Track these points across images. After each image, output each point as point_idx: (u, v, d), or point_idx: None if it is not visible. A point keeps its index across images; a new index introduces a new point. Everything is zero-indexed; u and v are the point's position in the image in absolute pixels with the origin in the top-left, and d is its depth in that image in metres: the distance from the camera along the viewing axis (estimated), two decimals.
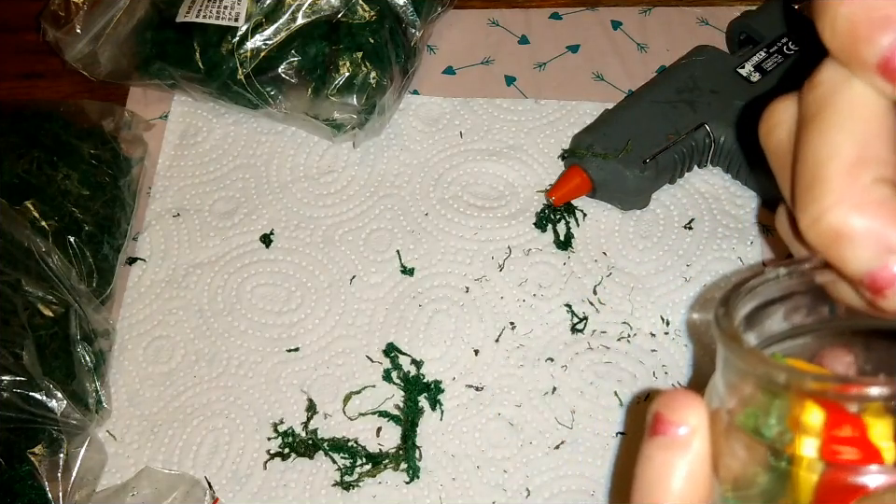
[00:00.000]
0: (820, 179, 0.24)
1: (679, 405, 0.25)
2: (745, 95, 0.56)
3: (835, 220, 0.23)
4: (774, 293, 0.26)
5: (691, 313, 0.54)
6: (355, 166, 0.61)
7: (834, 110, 0.24)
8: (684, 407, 0.25)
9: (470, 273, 0.56)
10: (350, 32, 0.57)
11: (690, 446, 0.25)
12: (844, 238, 0.23)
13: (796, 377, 0.22)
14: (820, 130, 0.24)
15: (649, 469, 0.25)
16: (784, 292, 0.26)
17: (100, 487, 0.51)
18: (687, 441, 0.25)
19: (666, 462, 0.25)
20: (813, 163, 0.24)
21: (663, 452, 0.25)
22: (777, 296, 0.26)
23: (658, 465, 0.25)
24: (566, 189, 0.56)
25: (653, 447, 0.25)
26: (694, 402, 0.25)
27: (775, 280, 0.26)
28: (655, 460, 0.25)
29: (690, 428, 0.25)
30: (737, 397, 0.24)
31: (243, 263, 0.58)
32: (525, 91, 0.63)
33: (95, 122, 0.60)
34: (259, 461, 0.52)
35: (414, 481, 0.50)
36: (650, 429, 0.25)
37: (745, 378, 0.24)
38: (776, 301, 0.27)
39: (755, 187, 0.57)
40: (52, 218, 0.54)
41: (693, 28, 0.64)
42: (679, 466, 0.25)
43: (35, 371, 0.48)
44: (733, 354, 0.24)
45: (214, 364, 0.55)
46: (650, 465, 0.25)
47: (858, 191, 0.23)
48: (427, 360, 0.54)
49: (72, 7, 0.61)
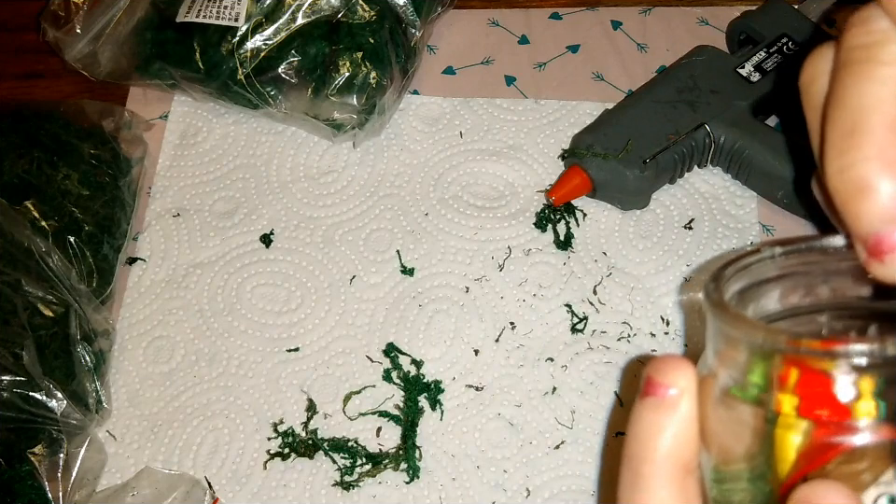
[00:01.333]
0: (860, 130, 0.23)
1: (670, 368, 0.25)
2: (745, 95, 0.56)
3: (865, 173, 0.23)
4: (769, 272, 0.27)
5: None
6: (355, 166, 0.61)
7: (882, 62, 0.24)
8: (674, 370, 0.25)
9: (470, 272, 0.56)
10: (350, 32, 0.57)
11: (678, 407, 0.25)
12: (866, 192, 0.23)
13: (772, 336, 0.23)
14: (866, 78, 0.24)
15: (638, 429, 0.26)
16: (780, 272, 0.27)
17: (100, 487, 0.51)
18: (675, 401, 0.25)
19: (655, 422, 0.25)
20: (855, 111, 0.24)
21: (652, 412, 0.25)
22: (773, 275, 0.27)
23: (647, 425, 0.25)
24: (566, 189, 0.56)
25: (643, 408, 0.26)
26: (684, 366, 0.25)
27: (770, 259, 0.26)
28: (645, 420, 0.25)
29: (679, 390, 0.25)
30: (724, 362, 0.25)
31: (243, 263, 0.58)
32: (525, 91, 0.63)
33: (95, 122, 0.60)
34: (259, 461, 0.52)
35: (414, 481, 0.50)
36: (641, 391, 0.26)
37: (731, 343, 0.25)
38: (771, 280, 0.27)
39: (755, 187, 0.57)
40: (52, 218, 0.54)
41: (693, 28, 0.64)
42: (668, 426, 0.25)
43: (35, 371, 0.48)
44: (717, 319, 0.25)
45: (214, 364, 0.55)
46: (639, 425, 0.26)
47: (893, 149, 0.23)
48: (427, 360, 0.54)
49: (72, 7, 0.61)
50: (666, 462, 0.25)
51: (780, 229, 0.56)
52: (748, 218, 0.57)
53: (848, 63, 0.25)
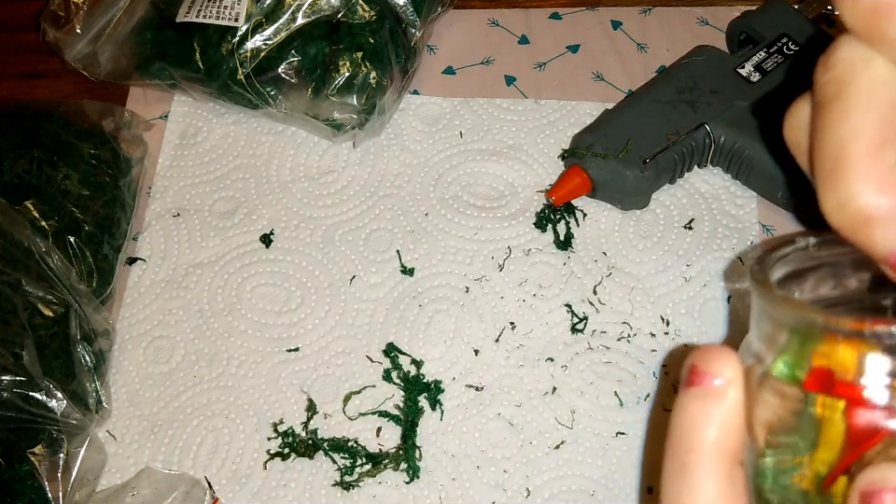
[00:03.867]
0: (843, 162, 0.23)
1: (715, 358, 0.25)
2: (745, 95, 0.56)
3: (860, 205, 0.23)
4: (803, 262, 0.27)
5: None
6: (355, 166, 0.61)
7: (854, 91, 0.24)
8: (720, 359, 0.25)
9: (470, 272, 0.56)
10: (350, 32, 0.57)
11: (725, 396, 0.25)
12: (868, 223, 0.23)
13: (830, 317, 0.23)
14: (840, 111, 0.24)
15: (684, 419, 0.25)
16: (813, 262, 0.27)
17: (100, 487, 0.51)
18: (723, 391, 0.25)
19: (702, 412, 0.25)
20: (835, 146, 0.24)
21: (699, 402, 0.25)
22: (807, 266, 0.27)
23: (693, 414, 0.25)
24: (566, 189, 0.56)
25: (689, 397, 0.25)
26: (729, 356, 0.25)
27: (804, 249, 0.27)
28: (690, 410, 0.25)
29: (725, 380, 0.25)
30: (772, 346, 0.25)
31: (243, 263, 0.58)
32: (525, 91, 0.63)
33: (95, 122, 0.60)
34: (259, 461, 0.52)
35: (414, 481, 0.50)
36: (685, 381, 0.26)
37: (778, 327, 0.24)
38: (805, 270, 0.27)
39: (755, 187, 0.57)
40: (52, 218, 0.54)
41: (693, 28, 0.64)
42: (714, 415, 0.25)
43: (35, 371, 0.48)
44: (768, 302, 0.25)
45: (214, 364, 0.55)
46: (685, 415, 0.25)
47: (882, 173, 0.23)
48: (427, 360, 0.54)
49: (72, 7, 0.61)
50: (714, 452, 0.25)
51: (780, 229, 0.56)
52: (748, 218, 0.56)
53: (821, 104, 0.25)
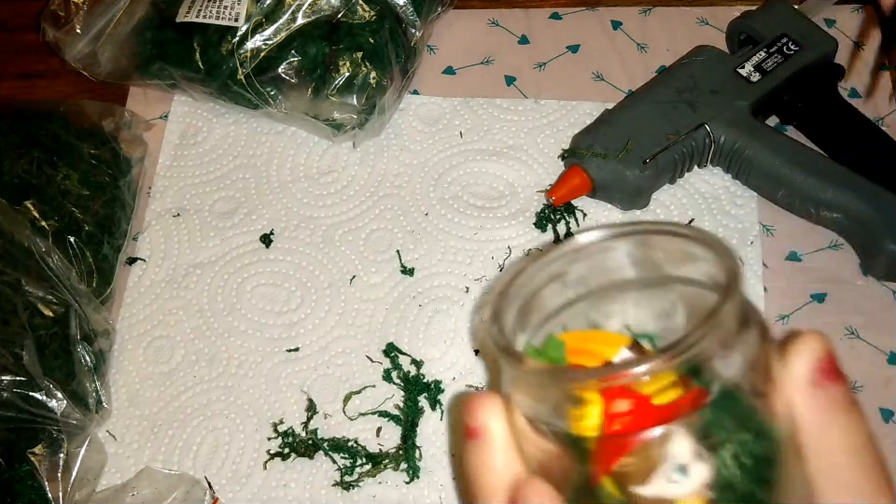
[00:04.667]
0: None
1: (476, 408, 0.27)
2: (745, 95, 0.56)
3: None
4: (541, 281, 0.28)
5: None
6: (355, 166, 0.61)
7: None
8: (480, 409, 0.27)
9: (470, 273, 0.56)
10: (350, 32, 0.57)
11: (494, 440, 0.27)
12: None
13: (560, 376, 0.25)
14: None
15: (469, 471, 0.28)
16: (551, 276, 0.28)
17: (100, 487, 0.51)
18: (488, 438, 0.27)
19: (473, 460, 0.27)
20: None
21: (475, 454, 0.27)
22: (545, 280, 0.28)
23: (466, 463, 0.28)
24: (566, 189, 0.56)
25: (467, 452, 0.28)
26: (487, 402, 0.27)
27: (537, 270, 0.28)
28: (472, 463, 0.27)
29: (487, 428, 0.27)
30: (518, 389, 0.26)
31: (243, 263, 0.58)
32: (525, 91, 0.63)
33: (95, 122, 0.60)
34: (259, 461, 0.52)
35: (414, 481, 0.50)
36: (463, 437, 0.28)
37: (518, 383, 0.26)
38: (542, 286, 0.28)
39: (755, 187, 0.57)
40: (52, 218, 0.54)
41: (693, 28, 0.64)
42: (487, 461, 0.27)
43: (35, 371, 0.48)
44: (508, 366, 0.26)
45: (214, 364, 0.55)
46: (468, 467, 0.28)
47: None
48: (427, 360, 0.54)
49: (72, 7, 0.61)
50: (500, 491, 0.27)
51: (780, 229, 0.56)
52: (748, 218, 0.56)
53: None
